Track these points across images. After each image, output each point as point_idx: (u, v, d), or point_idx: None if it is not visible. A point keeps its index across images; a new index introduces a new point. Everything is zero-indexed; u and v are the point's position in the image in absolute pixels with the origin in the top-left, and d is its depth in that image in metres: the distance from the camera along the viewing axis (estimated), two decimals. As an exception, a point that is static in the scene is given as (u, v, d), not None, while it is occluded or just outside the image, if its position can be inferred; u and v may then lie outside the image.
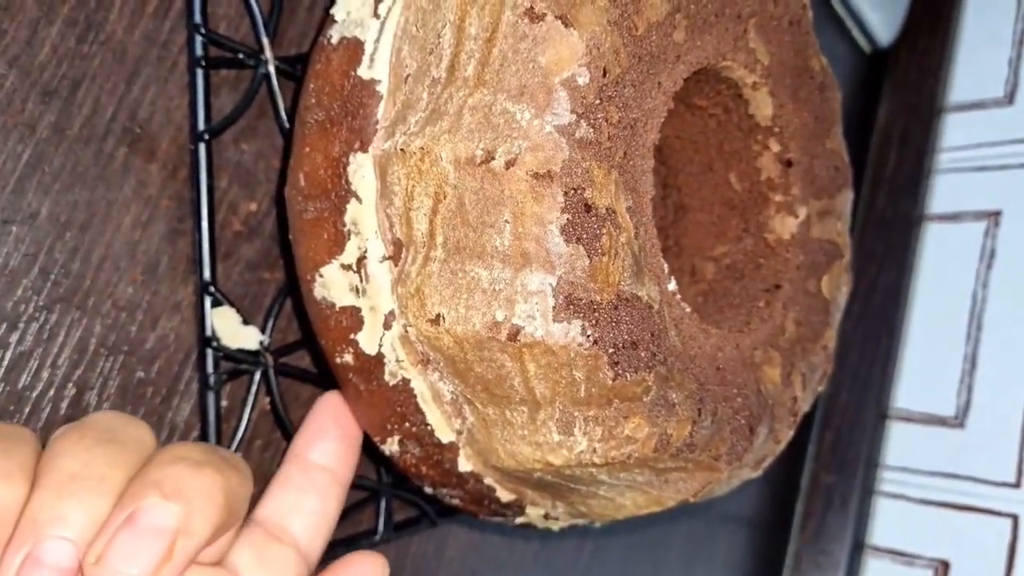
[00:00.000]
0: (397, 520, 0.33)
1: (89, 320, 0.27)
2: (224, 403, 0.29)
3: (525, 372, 0.23)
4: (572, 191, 0.22)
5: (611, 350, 0.23)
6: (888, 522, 0.51)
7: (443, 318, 0.23)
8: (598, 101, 0.23)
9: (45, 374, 0.26)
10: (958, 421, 0.49)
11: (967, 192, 0.52)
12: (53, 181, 0.26)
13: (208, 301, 0.28)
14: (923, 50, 0.53)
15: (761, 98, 0.31)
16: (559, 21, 0.23)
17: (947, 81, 0.53)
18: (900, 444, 0.52)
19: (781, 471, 0.48)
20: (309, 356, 0.31)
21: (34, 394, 0.26)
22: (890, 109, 0.53)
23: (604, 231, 0.23)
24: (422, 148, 0.23)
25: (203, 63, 0.28)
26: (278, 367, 0.29)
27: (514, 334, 0.23)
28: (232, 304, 0.28)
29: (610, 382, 0.23)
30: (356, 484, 0.31)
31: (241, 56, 0.29)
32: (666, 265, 0.26)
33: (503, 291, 0.23)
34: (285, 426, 0.30)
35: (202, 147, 0.28)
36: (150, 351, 0.28)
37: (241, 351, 0.29)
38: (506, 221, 0.22)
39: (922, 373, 0.52)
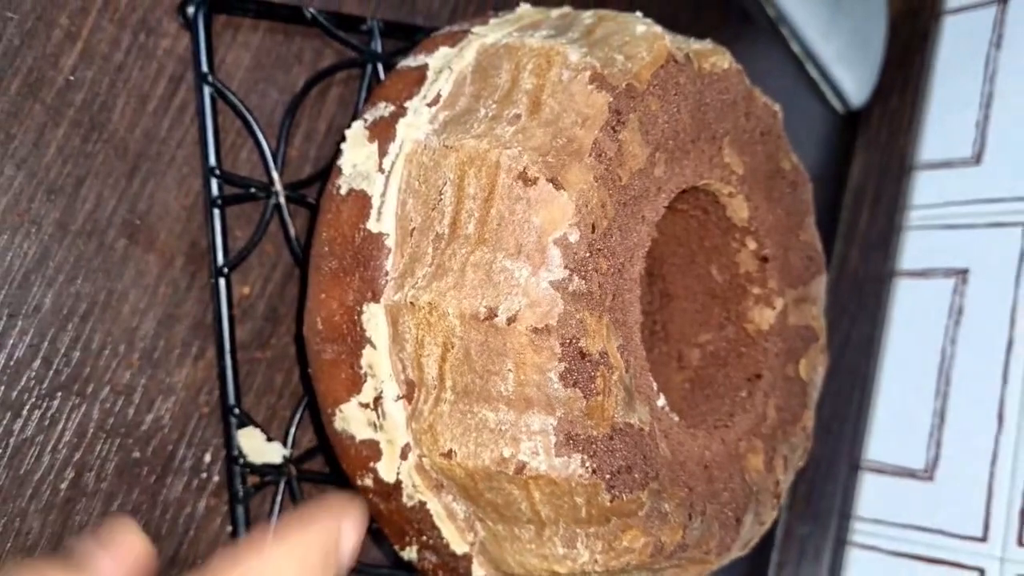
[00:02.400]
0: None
1: (88, 405, 0.28)
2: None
3: (531, 499, 0.26)
4: (568, 341, 0.25)
5: (608, 476, 0.26)
6: (860, 573, 0.53)
7: (455, 453, 0.26)
8: (588, 255, 0.25)
9: (46, 458, 0.28)
10: (928, 474, 0.52)
11: (936, 249, 0.54)
12: (56, 274, 0.28)
13: (234, 423, 0.30)
14: (894, 111, 0.56)
15: (737, 203, 0.33)
16: (550, 184, 0.25)
17: (917, 141, 0.56)
18: (872, 495, 0.54)
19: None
20: (326, 461, 0.33)
21: (35, 478, 0.28)
22: (862, 167, 0.56)
23: (598, 373, 0.25)
24: (430, 303, 0.25)
25: (219, 202, 0.30)
26: (299, 474, 0.32)
27: (520, 468, 0.25)
28: (256, 425, 0.31)
29: (608, 504, 0.26)
30: (375, 573, 0.34)
31: (254, 190, 0.31)
32: (655, 383, 0.28)
33: (508, 431, 0.25)
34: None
35: (222, 282, 0.30)
36: (146, 432, 0.30)
37: (267, 465, 0.31)
38: (509, 370, 0.25)
39: (893, 426, 0.54)
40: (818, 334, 0.36)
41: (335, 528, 0.22)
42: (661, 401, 0.29)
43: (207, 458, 0.31)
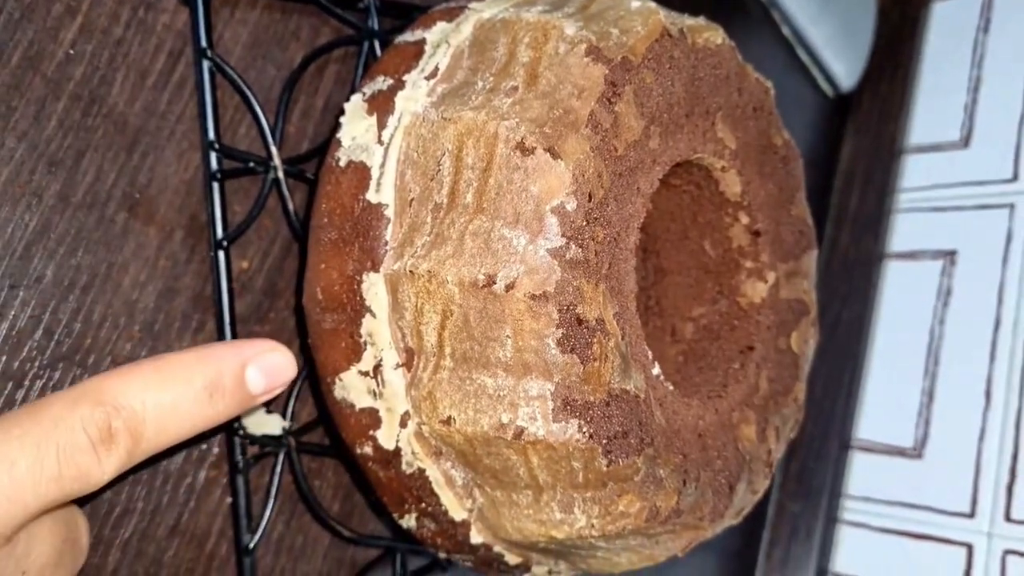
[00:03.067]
0: (412, 569, 0.37)
1: (90, 376, 0.28)
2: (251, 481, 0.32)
3: (529, 464, 0.26)
4: (565, 308, 0.25)
5: (604, 442, 0.26)
6: (850, 550, 0.54)
7: (454, 420, 0.26)
8: (585, 223, 0.26)
9: None
10: (916, 452, 0.53)
11: (925, 232, 0.55)
12: (58, 246, 0.28)
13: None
14: (884, 95, 0.56)
15: (730, 178, 0.34)
16: (547, 153, 0.25)
17: (906, 124, 0.56)
18: (862, 474, 0.55)
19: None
20: (325, 432, 0.34)
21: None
22: (852, 151, 0.56)
23: (595, 340, 0.26)
24: (429, 271, 0.26)
25: (218, 176, 0.30)
26: (299, 446, 0.32)
27: (518, 434, 0.26)
28: (256, 396, 0.31)
29: (605, 468, 0.26)
30: (374, 543, 0.34)
31: (252, 164, 0.31)
32: (650, 352, 0.29)
33: (507, 396, 0.26)
34: (308, 500, 0.32)
35: (221, 255, 0.30)
36: None
37: (266, 436, 0.31)
38: (507, 336, 0.25)
39: (883, 405, 0.55)
40: (809, 307, 0.36)
41: (235, 363, 0.24)
42: (656, 370, 0.29)
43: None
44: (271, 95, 0.33)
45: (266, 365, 0.25)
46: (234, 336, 0.31)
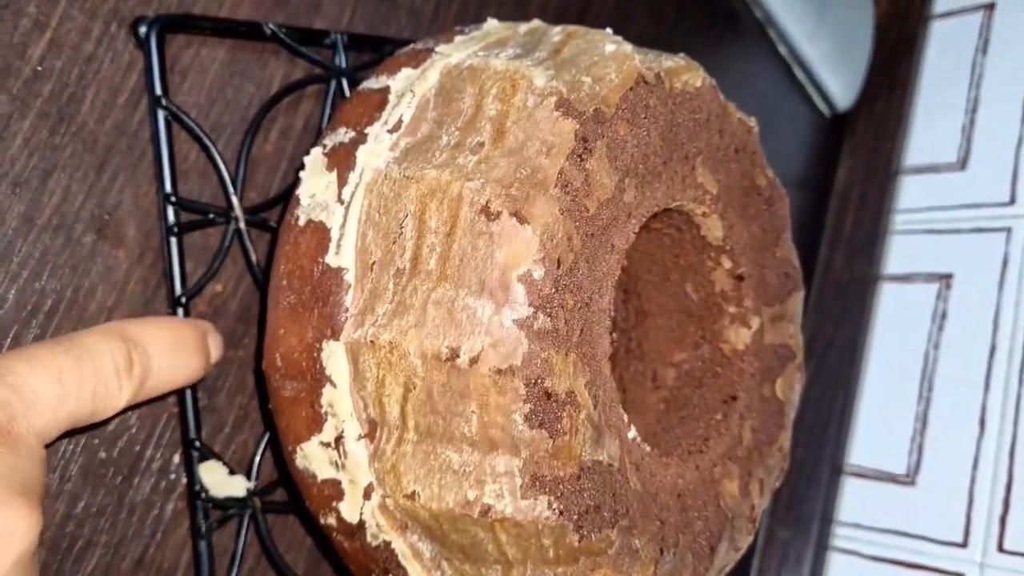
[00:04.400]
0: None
1: None
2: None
3: (497, 540, 0.25)
4: (533, 382, 0.24)
5: (576, 517, 0.25)
6: (841, 578, 0.53)
7: (418, 495, 0.25)
8: (554, 291, 0.24)
9: None
10: (909, 479, 0.52)
11: (920, 254, 0.54)
12: (21, 269, 0.27)
13: (195, 456, 0.30)
14: (880, 115, 0.55)
15: (711, 222, 0.32)
16: (514, 218, 0.24)
17: (903, 145, 0.55)
18: (853, 500, 0.54)
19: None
20: (288, 498, 0.32)
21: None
22: (848, 171, 0.55)
23: (564, 413, 0.24)
24: (391, 342, 0.24)
25: (176, 230, 0.29)
26: (264, 506, 0.31)
27: (485, 511, 0.24)
28: (218, 458, 0.30)
29: (576, 544, 0.25)
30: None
31: (212, 216, 0.30)
32: (625, 416, 0.28)
33: (473, 472, 0.24)
34: (276, 563, 0.31)
35: (180, 312, 0.29)
36: (112, 432, 0.29)
37: (230, 499, 0.30)
38: (472, 411, 0.24)
39: (876, 431, 0.54)
40: (795, 352, 0.35)
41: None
42: (632, 433, 0.28)
43: (175, 459, 0.30)
44: (235, 139, 0.32)
45: (216, 341, 0.29)
46: (194, 396, 0.30)
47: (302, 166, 0.28)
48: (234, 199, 0.30)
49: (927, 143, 0.55)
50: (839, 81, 0.54)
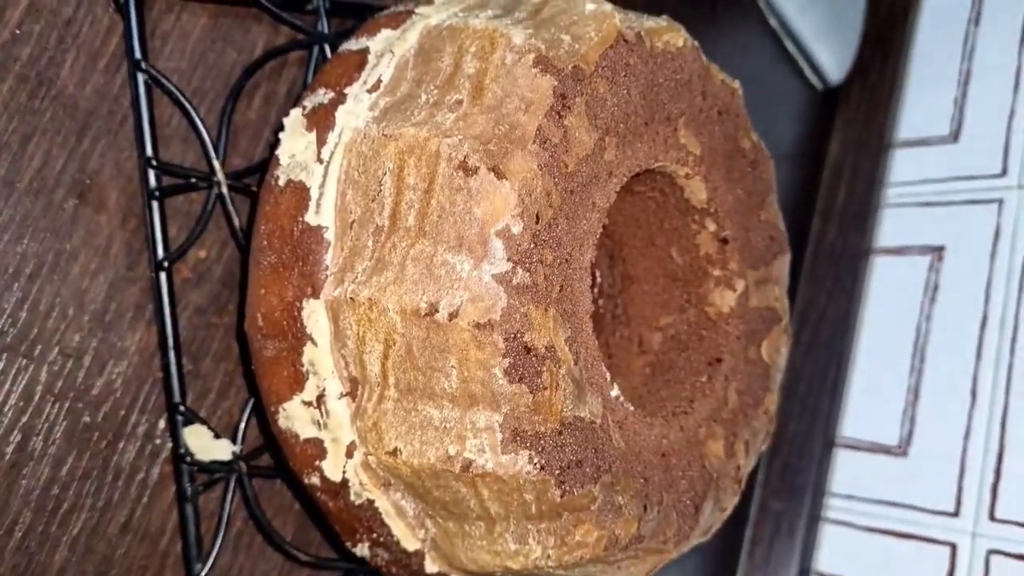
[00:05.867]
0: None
1: (36, 367, 0.28)
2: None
3: (479, 496, 0.25)
4: (512, 336, 0.24)
5: (557, 472, 0.25)
6: (834, 549, 0.53)
7: (400, 451, 0.25)
8: (532, 246, 0.24)
9: None
10: (901, 450, 0.52)
11: (913, 227, 0.54)
12: (2, 232, 0.27)
13: (180, 420, 0.30)
14: (872, 88, 0.55)
15: (695, 185, 0.32)
16: (491, 173, 0.24)
17: (895, 118, 0.55)
18: (846, 472, 0.54)
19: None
20: (272, 460, 0.32)
21: (-21, 440, 0.27)
22: (840, 144, 0.55)
23: (544, 368, 0.24)
24: (370, 299, 0.24)
25: (157, 194, 0.29)
26: (250, 470, 0.31)
27: (466, 466, 0.24)
28: (203, 422, 0.30)
29: (559, 499, 0.25)
30: (331, 566, 0.33)
31: (194, 180, 0.30)
32: (608, 373, 0.28)
33: (454, 428, 0.24)
34: (262, 525, 0.31)
35: (163, 276, 0.29)
36: (96, 396, 0.29)
37: (215, 462, 0.30)
38: (452, 366, 0.24)
39: (868, 403, 0.54)
40: (781, 315, 0.35)
41: None
42: (615, 391, 0.28)
43: (161, 424, 0.30)
44: (217, 105, 0.32)
45: None
46: (178, 360, 0.30)
47: (282, 127, 0.28)
48: (216, 163, 0.30)
49: (919, 116, 0.55)
50: (831, 54, 0.54)
